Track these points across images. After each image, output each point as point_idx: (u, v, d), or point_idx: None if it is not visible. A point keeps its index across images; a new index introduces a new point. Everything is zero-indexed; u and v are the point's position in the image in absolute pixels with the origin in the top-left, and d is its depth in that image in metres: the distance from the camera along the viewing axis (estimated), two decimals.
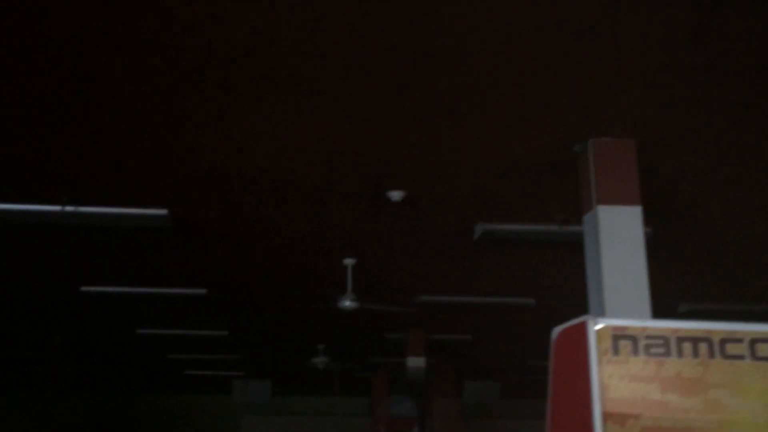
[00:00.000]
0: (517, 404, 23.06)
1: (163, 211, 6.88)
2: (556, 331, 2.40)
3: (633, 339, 2.24)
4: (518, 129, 5.31)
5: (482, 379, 20.55)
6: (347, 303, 9.03)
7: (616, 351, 2.23)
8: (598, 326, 2.34)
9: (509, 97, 4.88)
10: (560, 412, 2.26)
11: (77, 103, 4.94)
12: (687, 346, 2.28)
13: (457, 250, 8.38)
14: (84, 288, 10.19)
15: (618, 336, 2.26)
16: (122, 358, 17.88)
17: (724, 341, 2.30)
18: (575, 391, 2.19)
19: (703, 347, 2.29)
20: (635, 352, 2.24)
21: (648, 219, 7.08)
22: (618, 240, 5.16)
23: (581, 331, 2.28)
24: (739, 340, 2.35)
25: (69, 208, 6.76)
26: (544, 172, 6.08)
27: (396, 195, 6.50)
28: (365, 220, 7.35)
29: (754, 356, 2.31)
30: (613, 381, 2.16)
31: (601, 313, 4.62)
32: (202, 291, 10.38)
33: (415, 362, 13.73)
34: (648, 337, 2.26)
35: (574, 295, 10.54)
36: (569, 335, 2.31)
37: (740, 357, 2.29)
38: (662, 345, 2.24)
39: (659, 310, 11.17)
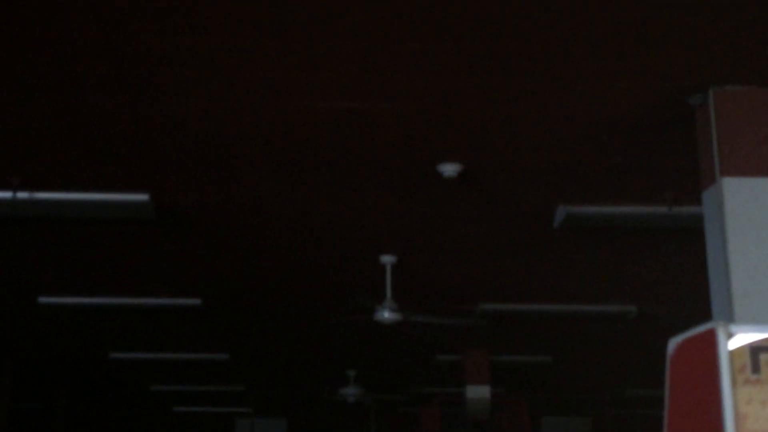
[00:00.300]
0: None
1: (143, 197, 6.97)
2: (674, 342, 2.39)
3: None
4: (613, 80, 5.28)
5: (566, 414, 20.55)
6: (385, 314, 9.07)
7: (755, 368, 2.20)
8: (731, 336, 2.32)
9: (602, 36, 4.84)
10: None
11: (29, 63, 5.02)
12: None
13: (532, 242, 8.37)
14: (42, 299, 10.37)
15: (758, 348, 2.22)
16: (92, 392, 18.18)
17: None
18: (700, 422, 2.17)
19: None
20: None
21: None
22: (749, 223, 5.11)
23: (707, 342, 2.26)
24: None
25: (22, 195, 6.87)
26: (648, 136, 6.04)
27: (450, 169, 6.51)
28: (408, 204, 7.37)
29: None
30: (753, 408, 2.13)
31: (730, 319, 4.58)
32: (196, 301, 10.51)
33: (477, 393, 13.75)
34: None
35: (690, 300, 10.48)
36: (691, 348, 2.30)
37: None
38: None
39: None
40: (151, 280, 9.82)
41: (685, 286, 9.93)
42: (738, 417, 2.16)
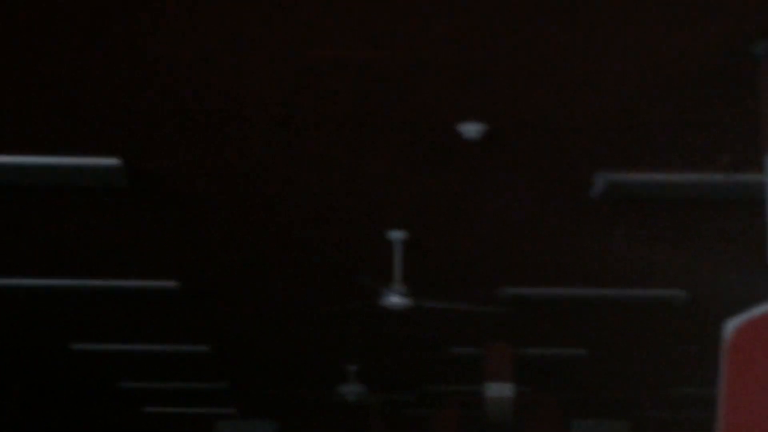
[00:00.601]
0: None
1: (113, 161, 7.00)
2: (733, 325, 2.43)
3: None
4: (663, 24, 5.29)
5: (602, 416, 20.66)
6: (393, 299, 9.13)
7: None
8: None
9: None
10: None
11: None
12: None
13: (565, 215, 8.41)
14: None
15: None
16: (50, 389, 18.29)
17: None
18: (763, 414, 2.21)
19: None
20: None
21: None
22: None
23: None
24: None
25: None
26: (703, 91, 6.06)
27: (471, 129, 6.53)
28: (421, 171, 7.40)
29: None
30: None
31: None
32: (172, 284, 10.56)
33: (499, 391, 13.83)
34: None
35: (748, 284, 10.51)
36: (754, 331, 2.33)
37: None
38: None
39: None
40: (120, 259, 9.87)
41: (743, 268, 9.97)
42: None
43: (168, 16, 5.21)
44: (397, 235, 8.91)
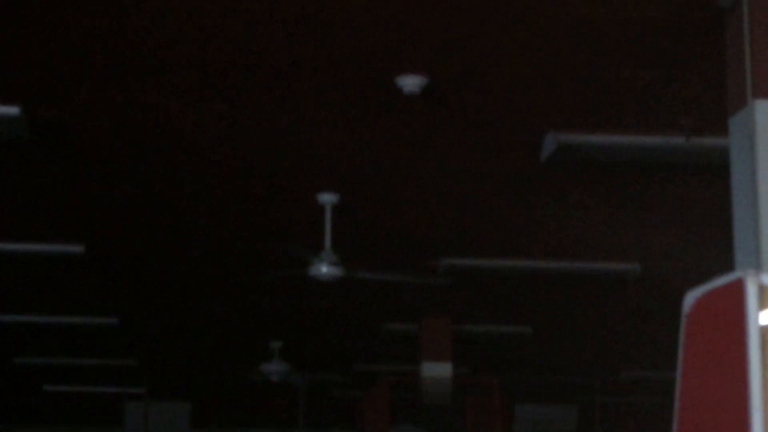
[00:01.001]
0: None
1: (12, 110, 6.94)
2: (693, 296, 2.49)
3: None
4: None
5: (548, 401, 20.92)
6: (323, 269, 9.15)
7: None
8: (762, 288, 2.41)
9: None
10: (696, 418, 2.35)
11: None
12: None
13: (511, 179, 8.47)
14: None
15: None
16: None
17: None
18: (722, 388, 2.27)
19: None
20: None
21: None
22: None
23: (734, 293, 2.35)
24: None
25: None
26: (663, 47, 6.12)
27: (411, 82, 6.55)
28: (356, 128, 7.42)
29: None
30: None
31: (757, 266, 4.72)
32: (78, 248, 10.50)
33: (435, 371, 13.93)
34: None
35: (709, 257, 10.67)
36: (714, 301, 2.39)
37: None
38: None
39: None
40: (20, 220, 9.79)
41: (703, 239, 10.11)
42: (767, 382, 2.26)
43: None
44: (327, 198, 8.92)
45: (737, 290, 2.41)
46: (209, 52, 6.27)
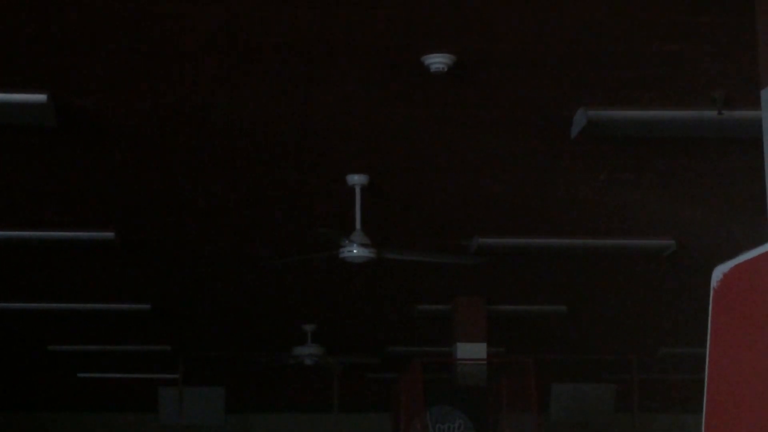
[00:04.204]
0: (644, 421, 23.42)
1: (39, 97, 6.99)
2: (720, 270, 2.50)
3: None
4: None
5: (584, 380, 20.87)
6: (354, 251, 9.17)
7: None
8: None
9: None
10: (725, 393, 2.36)
11: None
12: None
13: (542, 157, 8.46)
14: None
15: None
16: None
17: None
18: (750, 365, 2.28)
19: None
20: None
21: None
22: None
23: (762, 266, 2.36)
24: None
25: None
26: (695, 18, 6.10)
27: (438, 61, 6.56)
28: (382, 107, 7.43)
29: None
30: None
31: None
32: (108, 235, 10.56)
33: (470, 352, 13.95)
34: None
35: (745, 231, 10.63)
36: (742, 275, 2.40)
37: None
38: None
39: None
40: (50, 208, 9.85)
41: (737, 213, 10.07)
42: None
43: None
44: (357, 179, 8.93)
45: (765, 263, 2.41)
46: (236, 34, 6.30)
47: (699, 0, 5.89)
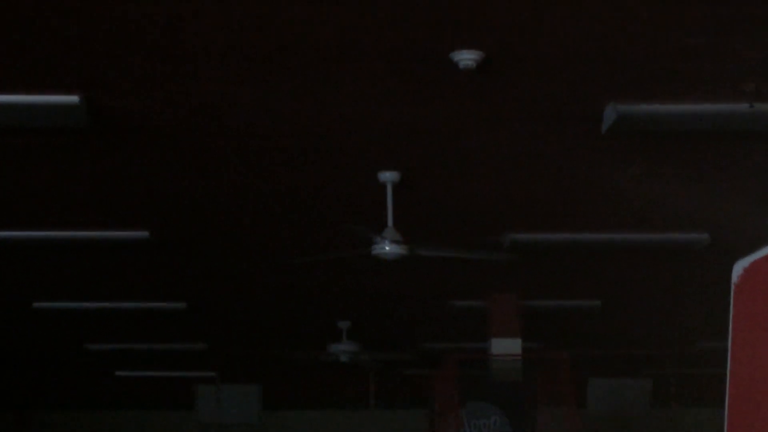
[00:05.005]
0: (681, 415, 23.32)
1: (72, 99, 7.03)
2: (740, 265, 2.49)
3: None
4: None
5: (620, 375, 20.82)
6: (387, 248, 9.17)
7: None
8: None
9: None
10: (749, 391, 2.35)
11: None
12: None
13: (573, 152, 8.44)
14: None
15: None
16: (10, 353, 18.40)
17: None
18: None
19: None
20: None
21: None
22: None
23: None
24: None
25: None
26: (724, 11, 6.07)
27: (467, 58, 6.56)
28: (412, 104, 7.43)
29: None
30: None
31: None
32: (143, 234, 10.61)
33: (505, 348, 13.92)
34: None
35: None
36: (761, 270, 2.38)
37: None
38: None
39: None
40: (84, 208, 9.91)
41: None
42: None
43: None
44: (388, 176, 8.93)
45: None
46: (266, 34, 6.31)
47: None
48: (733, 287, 2.50)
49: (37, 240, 10.76)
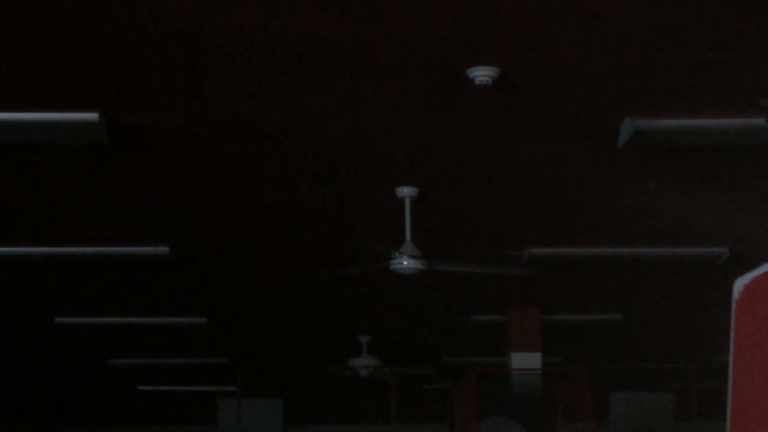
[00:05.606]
0: (705, 429, 23.19)
1: (91, 116, 7.08)
2: (741, 282, 2.49)
3: None
4: None
5: (642, 389, 20.73)
6: (405, 263, 9.18)
7: None
8: None
9: None
10: (748, 404, 2.36)
11: None
12: None
13: (590, 167, 8.45)
14: None
15: None
16: (31, 368, 18.46)
17: None
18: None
19: None
20: None
21: None
22: None
23: None
24: None
25: None
26: (741, 26, 6.07)
27: (483, 74, 6.58)
28: (429, 119, 7.45)
29: None
30: None
31: None
32: (164, 249, 10.65)
33: (525, 362, 13.90)
34: None
35: None
36: (761, 287, 2.39)
37: None
38: None
39: None
40: (105, 224, 9.95)
41: None
42: None
43: None
44: (406, 191, 8.96)
45: None
46: (283, 49, 6.35)
47: (745, 7, 5.87)
48: (734, 303, 2.51)
49: (58, 256, 10.81)
